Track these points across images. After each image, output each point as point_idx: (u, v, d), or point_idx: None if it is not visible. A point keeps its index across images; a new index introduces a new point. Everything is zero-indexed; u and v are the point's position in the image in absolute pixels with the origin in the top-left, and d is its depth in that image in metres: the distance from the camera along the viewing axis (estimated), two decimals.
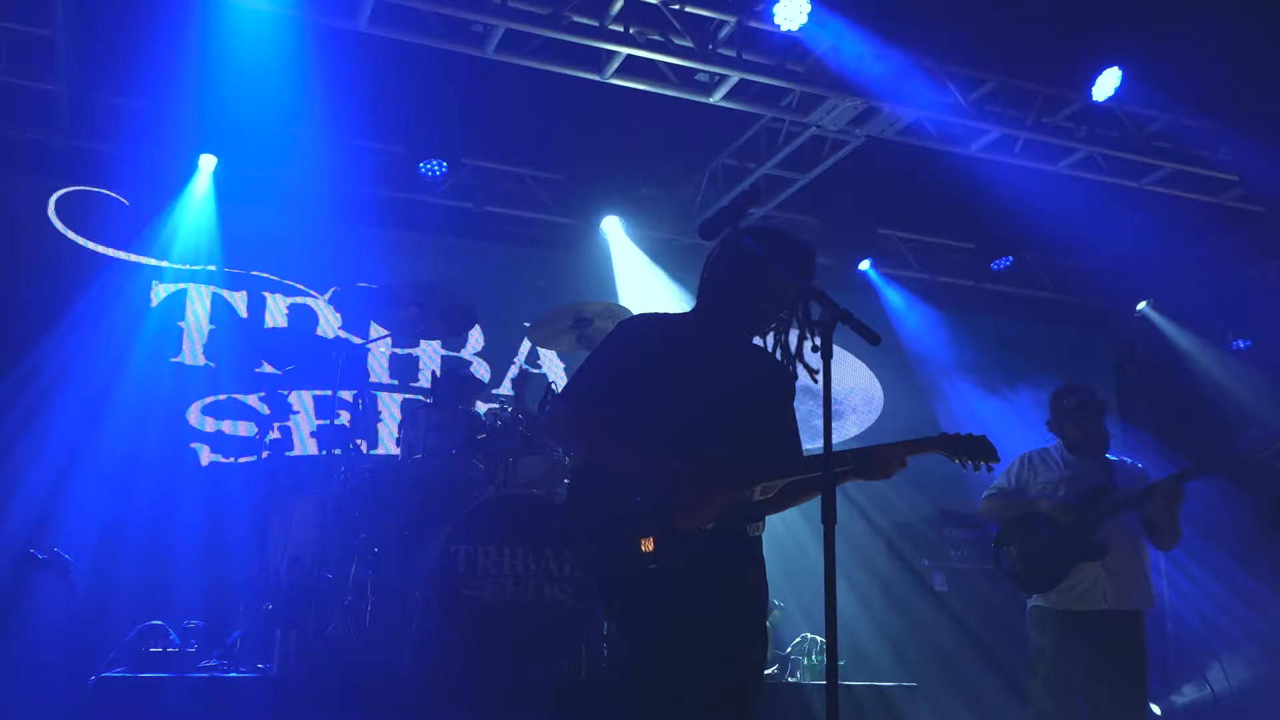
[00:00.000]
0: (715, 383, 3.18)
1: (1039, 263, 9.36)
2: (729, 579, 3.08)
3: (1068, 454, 5.31)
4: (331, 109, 7.05)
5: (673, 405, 3.13)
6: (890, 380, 8.72)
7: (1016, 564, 5.07)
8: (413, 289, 5.47)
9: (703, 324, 3.27)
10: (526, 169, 8.02)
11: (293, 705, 4.11)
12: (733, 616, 3.08)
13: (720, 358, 3.23)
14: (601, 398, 3.15)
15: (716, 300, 3.28)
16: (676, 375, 3.17)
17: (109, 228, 6.94)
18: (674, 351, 3.20)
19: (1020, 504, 5.21)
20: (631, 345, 3.23)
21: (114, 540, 6.04)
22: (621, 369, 3.17)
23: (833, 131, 7.05)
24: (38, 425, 6.16)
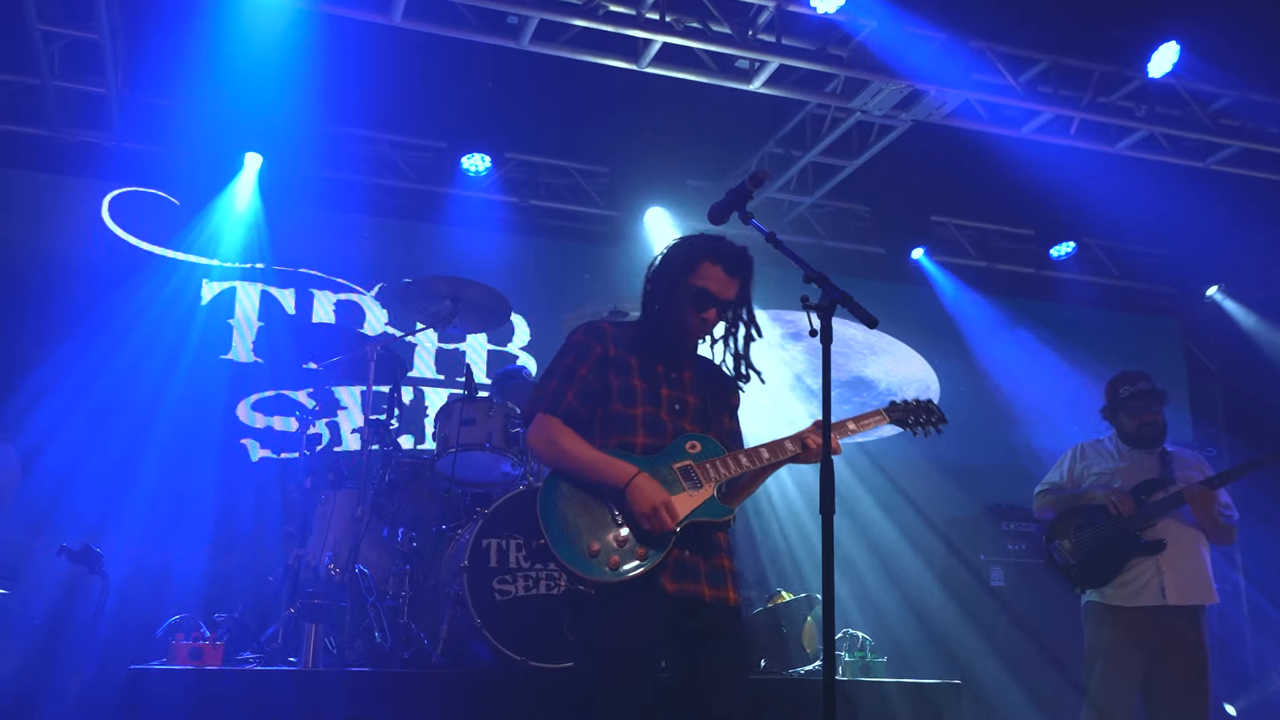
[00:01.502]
0: (671, 387, 3.29)
1: (1102, 248, 9.10)
2: (707, 572, 3.16)
3: (1122, 444, 5.14)
4: (372, 105, 7.13)
5: (633, 409, 3.22)
6: (947, 371, 8.53)
7: (1069, 558, 4.96)
8: (447, 283, 5.46)
9: (647, 331, 3.34)
10: (572, 162, 8.00)
11: (321, 700, 4.11)
12: (708, 607, 3.13)
13: (668, 364, 3.32)
14: (573, 409, 3.23)
15: (651, 315, 3.35)
16: (637, 379, 3.26)
17: (160, 227, 7.07)
18: (630, 357, 3.29)
19: (1074, 497, 5.08)
20: (589, 352, 3.28)
21: (164, 535, 6.14)
22: (589, 375, 3.25)
23: (878, 116, 6.90)
24: (92, 422, 6.28)
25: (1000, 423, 8.29)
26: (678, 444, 3.22)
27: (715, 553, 3.21)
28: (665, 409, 3.25)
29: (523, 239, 7.83)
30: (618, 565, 3.01)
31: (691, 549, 3.14)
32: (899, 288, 8.47)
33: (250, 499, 6.53)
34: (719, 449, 3.23)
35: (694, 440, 3.23)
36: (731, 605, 3.20)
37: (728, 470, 3.19)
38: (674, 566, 3.09)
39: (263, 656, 4.63)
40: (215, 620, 4.63)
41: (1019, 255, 9.00)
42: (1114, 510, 4.85)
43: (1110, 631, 4.86)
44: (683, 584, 3.09)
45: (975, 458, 8.09)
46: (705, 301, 3.25)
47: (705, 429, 3.28)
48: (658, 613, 3.07)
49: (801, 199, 8.07)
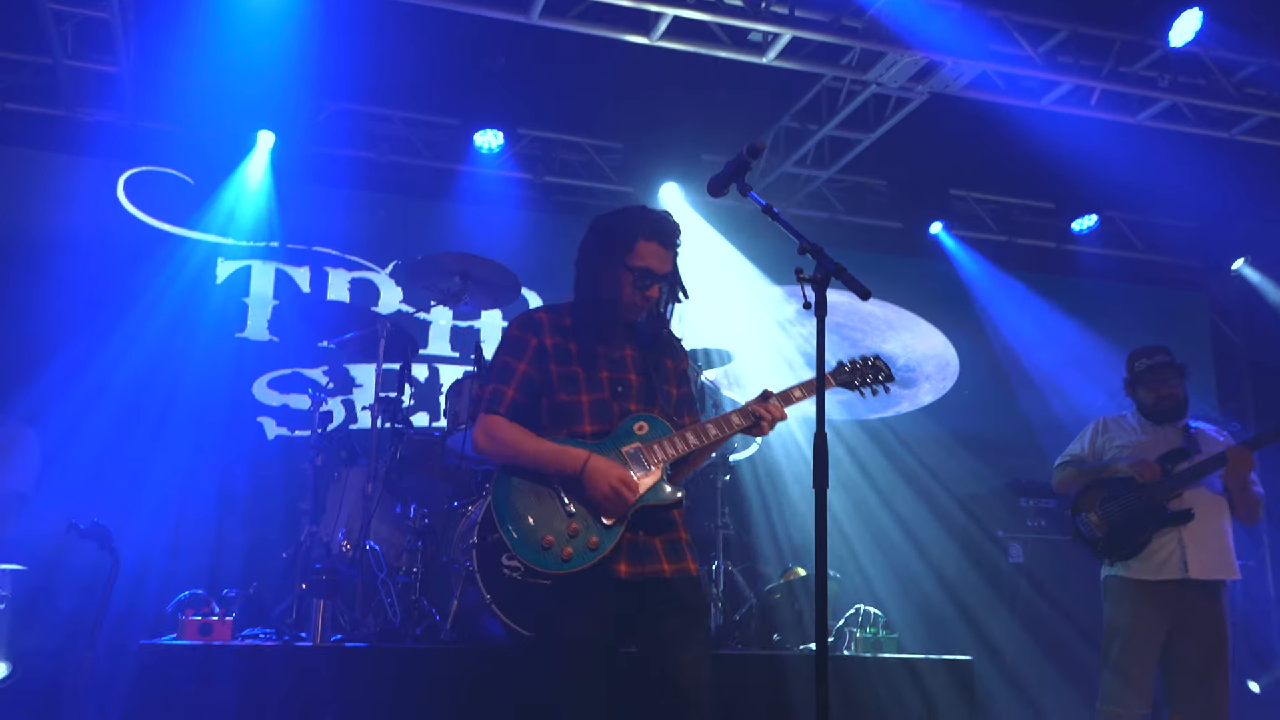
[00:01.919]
0: (612, 369, 3.30)
1: (1126, 221, 8.96)
2: (664, 549, 3.21)
3: (1143, 419, 5.09)
4: (386, 82, 7.11)
5: (578, 397, 3.24)
6: (966, 347, 8.45)
7: (1096, 531, 4.91)
8: (457, 259, 5.45)
9: (583, 314, 3.34)
10: (586, 138, 7.96)
11: (329, 675, 4.13)
12: (670, 581, 3.18)
13: (609, 343, 3.33)
14: (516, 405, 3.25)
15: (588, 297, 3.35)
16: (577, 366, 3.27)
17: (175, 206, 7.08)
18: (568, 343, 3.29)
19: (1097, 469, 5.02)
20: (525, 345, 3.29)
21: (180, 512, 6.19)
22: (528, 370, 3.26)
23: (894, 89, 6.79)
24: (107, 401, 6.31)
25: (1020, 398, 8.22)
26: (624, 426, 3.25)
27: (670, 528, 3.26)
28: (609, 392, 3.27)
29: (537, 215, 7.79)
30: (570, 556, 3.06)
31: (645, 530, 3.19)
32: (917, 262, 8.39)
33: (266, 476, 6.59)
34: (666, 428, 3.26)
35: (640, 421, 3.26)
36: (693, 575, 3.27)
37: (675, 450, 3.22)
38: (628, 550, 3.14)
39: (273, 632, 4.66)
40: (225, 596, 4.65)
41: (1040, 229, 8.89)
42: (1139, 478, 4.81)
43: (1131, 606, 4.82)
44: (640, 566, 3.15)
45: (994, 433, 8.03)
46: (648, 279, 3.27)
47: (650, 406, 3.30)
48: (612, 599, 3.13)
49: (818, 173, 7.99)
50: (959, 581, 7.22)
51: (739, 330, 7.45)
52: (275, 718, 3.94)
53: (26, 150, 6.86)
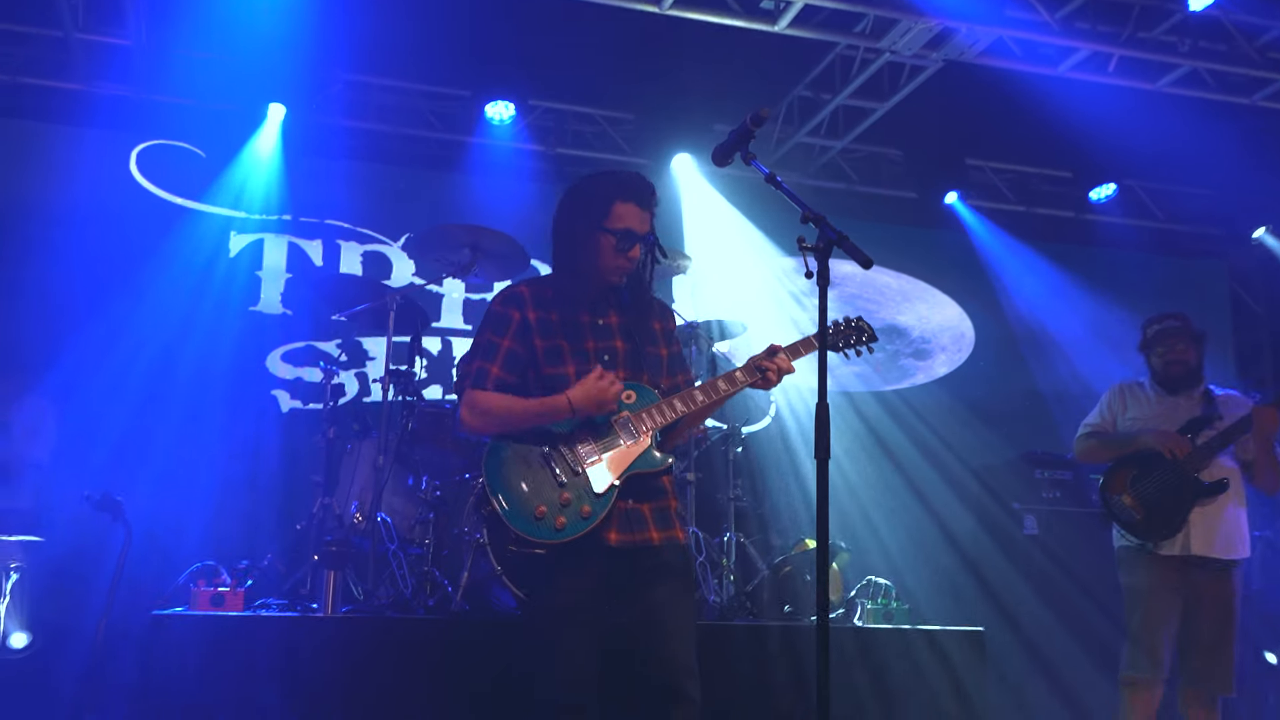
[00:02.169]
0: (597, 338, 3.30)
1: (1145, 190, 8.85)
2: (653, 517, 3.24)
3: (1158, 387, 5.03)
4: (396, 54, 7.08)
5: (564, 369, 3.24)
6: (982, 318, 8.39)
7: (1133, 513, 4.79)
8: (466, 231, 5.44)
9: (565, 284, 3.33)
10: (598, 109, 7.91)
11: (340, 645, 4.16)
12: (658, 549, 3.21)
13: (593, 311, 3.32)
14: (501, 381, 3.25)
15: (567, 266, 3.34)
16: (561, 339, 3.27)
17: (188, 180, 7.07)
18: (551, 315, 3.29)
19: (1120, 444, 4.93)
20: (508, 321, 3.28)
21: (194, 485, 6.23)
22: (512, 345, 3.26)
23: (908, 57, 6.71)
24: (122, 374, 6.35)
25: (1036, 370, 8.15)
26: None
27: (659, 496, 3.29)
28: (595, 362, 3.27)
29: (549, 187, 7.72)
30: (563, 526, 3.10)
31: (635, 498, 3.22)
32: (932, 233, 8.32)
33: (280, 449, 6.63)
34: (653, 395, 3.28)
35: (628, 390, 3.26)
36: (681, 543, 3.32)
37: (663, 417, 3.24)
38: (619, 519, 3.18)
39: (285, 603, 4.69)
40: (238, 567, 4.68)
41: (1058, 198, 8.78)
42: (1169, 455, 4.73)
43: (1147, 574, 4.79)
44: (629, 534, 3.18)
45: (1010, 405, 7.99)
46: (628, 241, 3.26)
47: (637, 372, 3.31)
48: (603, 568, 3.15)
49: (832, 143, 7.92)
50: (974, 553, 7.19)
51: (753, 301, 7.42)
52: (285, 687, 3.96)
53: (40, 124, 6.86)
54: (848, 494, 7.26)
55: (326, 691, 4.03)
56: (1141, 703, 4.73)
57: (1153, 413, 4.96)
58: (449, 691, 4.23)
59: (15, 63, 6.78)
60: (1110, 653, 6.26)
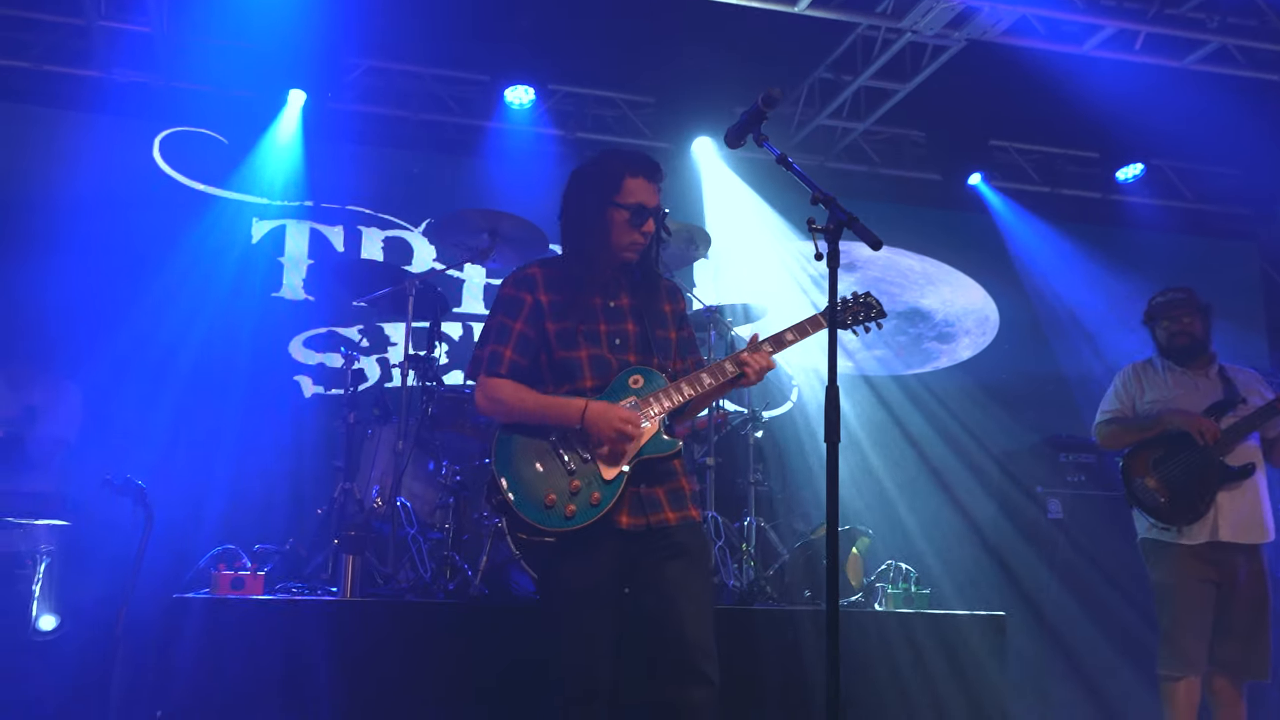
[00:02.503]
0: (610, 321, 3.28)
1: (1173, 169, 8.73)
2: (667, 498, 3.22)
3: (1168, 363, 4.95)
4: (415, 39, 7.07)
5: (576, 353, 3.22)
6: (1006, 301, 8.32)
7: (1157, 496, 4.73)
8: (484, 216, 5.44)
9: (577, 266, 3.30)
10: (618, 93, 7.88)
11: (358, 628, 4.18)
12: (674, 529, 3.20)
13: (605, 294, 3.29)
14: (516, 366, 3.23)
15: (579, 246, 3.32)
16: (573, 322, 3.24)
17: (210, 167, 7.11)
18: (563, 297, 3.27)
19: (1143, 426, 4.85)
20: (520, 304, 3.27)
21: (218, 470, 6.29)
22: (524, 328, 3.25)
23: (930, 37, 6.64)
24: (144, 359, 6.41)
25: (1061, 353, 8.08)
26: (620, 381, 3.25)
27: (671, 478, 3.27)
28: (606, 345, 3.26)
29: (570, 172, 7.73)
30: (573, 514, 3.07)
31: (647, 482, 3.20)
32: (956, 215, 8.25)
33: (302, 434, 6.68)
34: (661, 380, 3.25)
35: (636, 374, 3.25)
36: (695, 521, 3.30)
37: (671, 401, 3.22)
38: (630, 502, 3.16)
39: (305, 586, 4.72)
40: (257, 551, 4.71)
41: (1084, 179, 8.68)
42: (1200, 440, 4.66)
43: (1175, 567, 4.72)
44: (643, 517, 3.17)
45: (1035, 388, 7.93)
46: (641, 216, 3.23)
47: (647, 355, 3.28)
48: (615, 551, 3.14)
49: (854, 125, 7.86)
50: (997, 537, 7.16)
51: (773, 285, 7.39)
52: (305, 670, 3.99)
53: (63, 112, 6.90)
54: (869, 479, 7.24)
55: (345, 674, 4.06)
56: (1184, 699, 4.66)
57: (1171, 394, 4.89)
58: (467, 674, 4.25)
59: (38, 50, 6.84)
60: (1132, 638, 6.25)
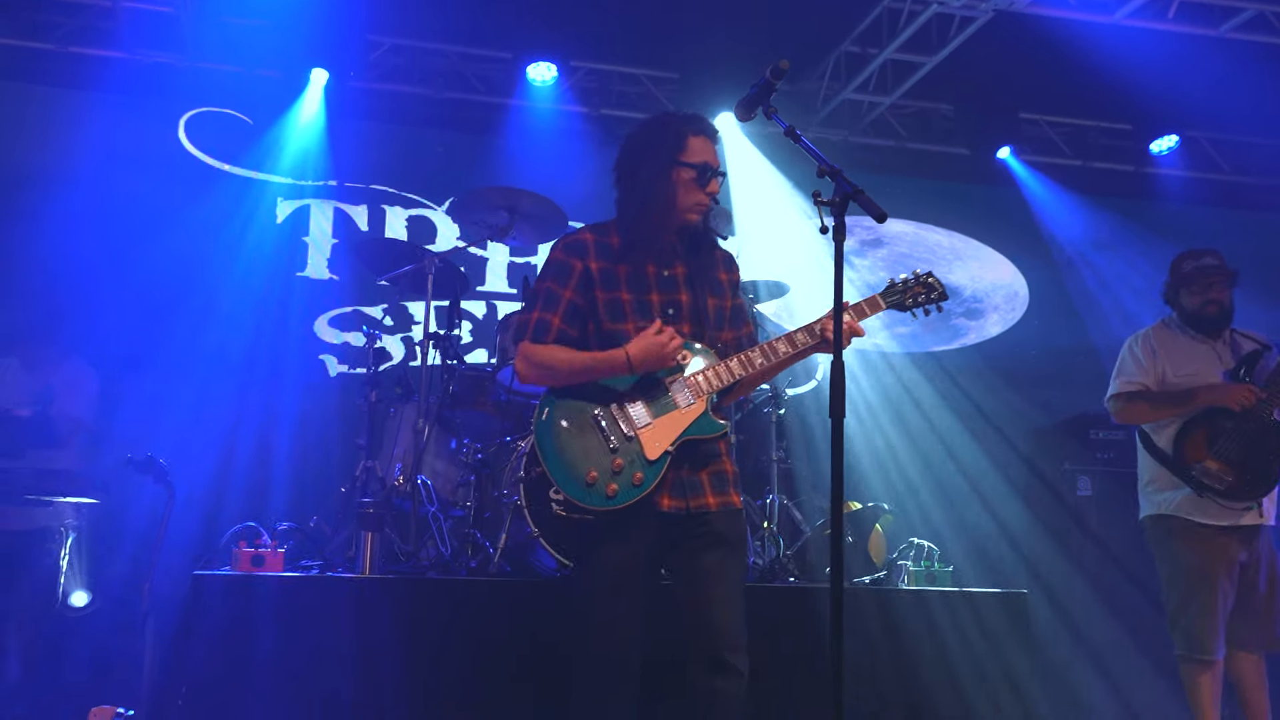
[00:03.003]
0: (662, 290, 3.19)
1: (1209, 141, 8.56)
2: (709, 482, 3.15)
3: (1188, 330, 4.75)
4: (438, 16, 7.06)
5: (624, 325, 3.14)
6: (1036, 276, 8.21)
7: (1224, 478, 4.45)
8: (502, 193, 5.42)
9: (632, 231, 3.20)
10: (643, 69, 7.82)
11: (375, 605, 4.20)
12: (713, 515, 3.13)
13: (660, 262, 3.20)
14: (562, 334, 3.16)
15: (637, 210, 3.20)
16: (623, 291, 3.16)
17: (235, 147, 7.14)
18: (615, 266, 3.17)
19: (1175, 403, 4.60)
20: (570, 271, 3.18)
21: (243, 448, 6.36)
22: (574, 297, 3.17)
23: (957, 7, 6.54)
24: (170, 338, 6.47)
25: (1091, 328, 7.96)
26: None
27: (715, 460, 3.19)
28: (659, 316, 3.16)
29: (595, 149, 7.67)
30: (615, 493, 3.01)
31: (690, 465, 3.12)
32: (985, 189, 8.14)
33: (327, 413, 6.72)
34: (711, 356, 3.17)
35: (684, 350, 3.14)
36: (736, 508, 3.20)
37: (720, 380, 3.12)
38: (672, 484, 3.09)
39: (325, 564, 4.75)
40: (278, 529, 4.75)
41: (1116, 152, 8.54)
42: (1238, 407, 4.45)
43: (1201, 547, 4.55)
44: (684, 500, 3.10)
45: (1064, 364, 7.81)
46: (706, 175, 3.14)
47: (700, 326, 3.19)
48: (653, 533, 3.09)
49: (880, 99, 7.76)
50: (1026, 514, 7.09)
51: (794, 262, 7.32)
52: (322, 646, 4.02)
53: (89, 93, 6.92)
54: (890, 455, 7.18)
55: (362, 651, 4.08)
56: (1211, 681, 4.51)
57: (1204, 366, 4.67)
58: (485, 651, 4.26)
59: (63, 32, 6.87)
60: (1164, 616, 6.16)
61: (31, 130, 6.79)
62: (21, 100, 6.85)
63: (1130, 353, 4.83)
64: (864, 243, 7.97)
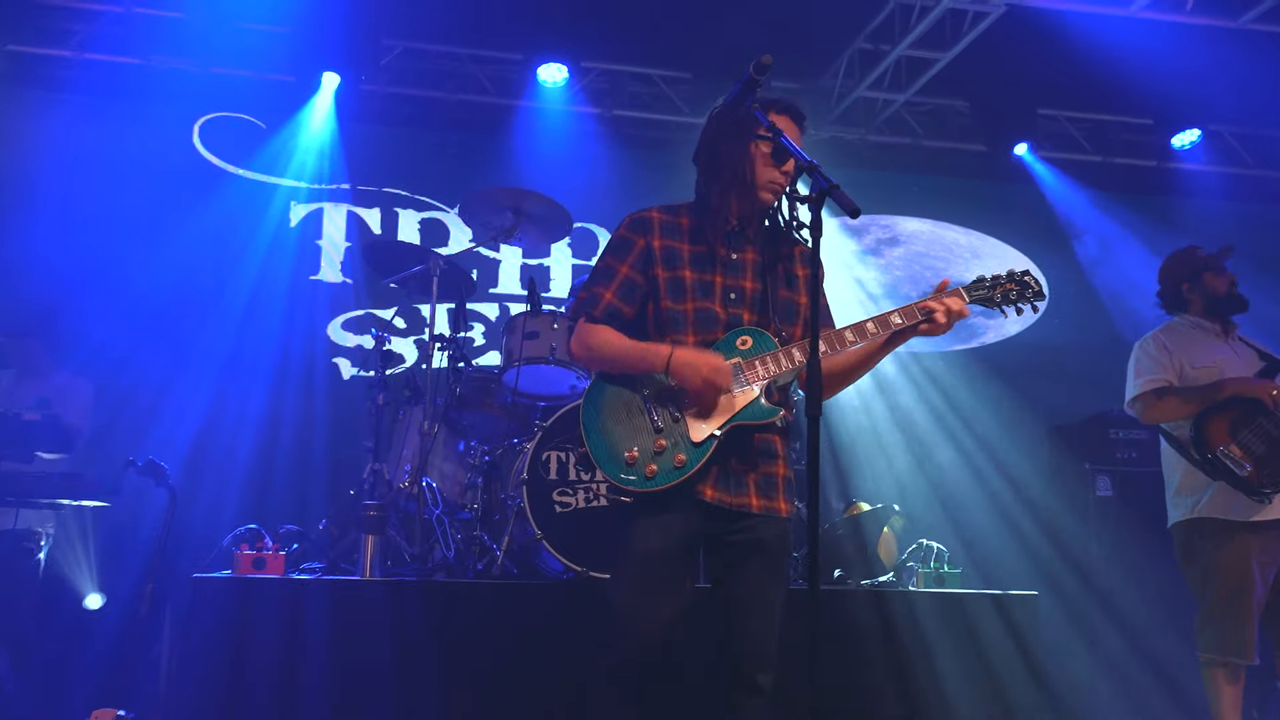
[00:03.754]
0: (727, 273, 3.04)
1: (1233, 135, 8.40)
2: (756, 481, 2.99)
3: (1202, 323, 4.71)
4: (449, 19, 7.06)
5: (683, 305, 3.02)
6: (1055, 274, 8.08)
7: (1246, 464, 4.37)
8: (508, 194, 5.40)
9: (704, 212, 3.07)
10: (655, 69, 7.79)
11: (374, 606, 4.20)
12: (756, 519, 2.97)
13: (729, 245, 3.06)
14: (615, 311, 3.05)
15: (712, 187, 3.07)
16: (685, 270, 3.03)
17: (249, 151, 7.20)
18: (680, 244, 3.05)
19: (1203, 395, 4.51)
20: (630, 247, 3.07)
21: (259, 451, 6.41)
22: (630, 273, 3.05)
23: (969, 3, 6.47)
24: (187, 343, 6.52)
25: (1112, 327, 7.83)
26: (728, 340, 3.01)
27: (768, 459, 3.02)
28: (719, 300, 3.03)
29: (609, 149, 7.67)
30: (654, 474, 2.88)
31: (739, 456, 2.96)
32: (1003, 186, 8.04)
33: (340, 416, 6.75)
34: (771, 343, 2.99)
35: (744, 335, 3.00)
36: (781, 517, 3.01)
37: (777, 367, 2.96)
38: (717, 475, 2.94)
39: (329, 566, 4.75)
40: (280, 531, 4.75)
41: (1138, 147, 8.40)
42: (1271, 402, 4.40)
43: (1232, 546, 4.45)
44: (726, 494, 2.94)
45: (1084, 364, 7.70)
46: (783, 153, 2.98)
47: (765, 317, 3.04)
48: (692, 524, 2.94)
49: (895, 96, 7.68)
50: (1046, 515, 6.98)
51: None
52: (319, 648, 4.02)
53: (106, 99, 6.97)
54: (908, 455, 7.11)
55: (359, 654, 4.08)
56: (1233, 685, 4.44)
57: (1221, 358, 4.61)
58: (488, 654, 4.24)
59: (79, 39, 6.93)
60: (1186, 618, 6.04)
61: (48, 137, 6.82)
62: (38, 107, 6.90)
63: (1144, 352, 4.76)
64: (880, 241, 7.90)
